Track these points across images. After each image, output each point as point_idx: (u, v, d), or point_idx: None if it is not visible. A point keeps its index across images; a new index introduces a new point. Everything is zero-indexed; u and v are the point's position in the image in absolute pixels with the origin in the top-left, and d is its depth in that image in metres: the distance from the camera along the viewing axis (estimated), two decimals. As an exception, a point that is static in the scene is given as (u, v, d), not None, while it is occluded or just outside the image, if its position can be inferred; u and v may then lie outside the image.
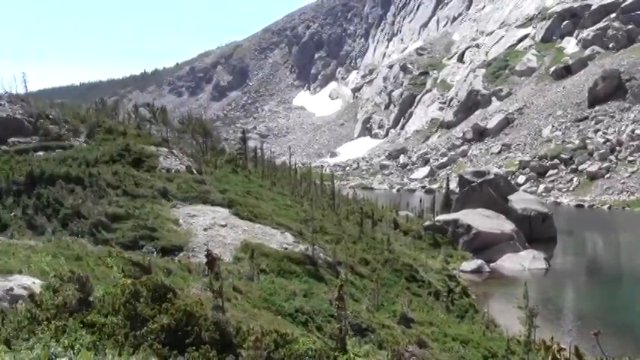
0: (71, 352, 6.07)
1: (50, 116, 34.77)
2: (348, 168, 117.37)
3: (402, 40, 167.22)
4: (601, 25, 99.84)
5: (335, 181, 60.48)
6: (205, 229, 21.88)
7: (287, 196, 35.47)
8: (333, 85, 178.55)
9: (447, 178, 73.73)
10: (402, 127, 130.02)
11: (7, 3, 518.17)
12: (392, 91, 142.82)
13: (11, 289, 8.89)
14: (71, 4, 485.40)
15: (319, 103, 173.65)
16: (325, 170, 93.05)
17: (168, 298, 7.27)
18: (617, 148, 74.43)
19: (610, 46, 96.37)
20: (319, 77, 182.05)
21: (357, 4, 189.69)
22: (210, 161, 36.47)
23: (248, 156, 44.89)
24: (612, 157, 73.09)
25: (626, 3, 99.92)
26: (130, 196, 23.92)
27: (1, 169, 25.69)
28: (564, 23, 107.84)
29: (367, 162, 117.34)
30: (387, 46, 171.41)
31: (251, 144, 63.22)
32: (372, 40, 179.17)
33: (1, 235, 17.54)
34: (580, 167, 74.52)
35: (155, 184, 25.93)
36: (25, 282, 9.48)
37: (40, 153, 29.26)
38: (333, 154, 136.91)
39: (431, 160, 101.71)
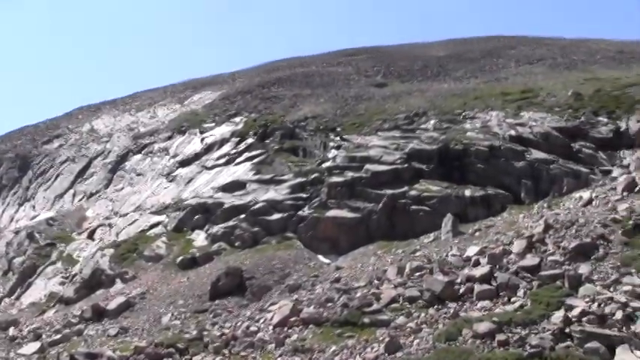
0: None
1: None
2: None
3: (34, 207, 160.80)
4: (230, 223, 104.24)
5: None
6: None
7: None
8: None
9: (58, 356, 69.66)
10: (18, 298, 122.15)
11: None
12: (14, 257, 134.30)
13: None
14: None
15: None
16: None
17: None
18: (232, 342, 76.32)
19: (236, 244, 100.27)
20: None
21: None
22: None
23: None
24: (226, 351, 74.39)
25: (255, 207, 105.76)
26: None
27: None
28: (197, 217, 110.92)
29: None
30: (17, 211, 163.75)
31: None
32: (3, 202, 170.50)
33: None
34: (194, 358, 74.83)
35: None
36: None
37: None
38: None
39: (44, 336, 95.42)
